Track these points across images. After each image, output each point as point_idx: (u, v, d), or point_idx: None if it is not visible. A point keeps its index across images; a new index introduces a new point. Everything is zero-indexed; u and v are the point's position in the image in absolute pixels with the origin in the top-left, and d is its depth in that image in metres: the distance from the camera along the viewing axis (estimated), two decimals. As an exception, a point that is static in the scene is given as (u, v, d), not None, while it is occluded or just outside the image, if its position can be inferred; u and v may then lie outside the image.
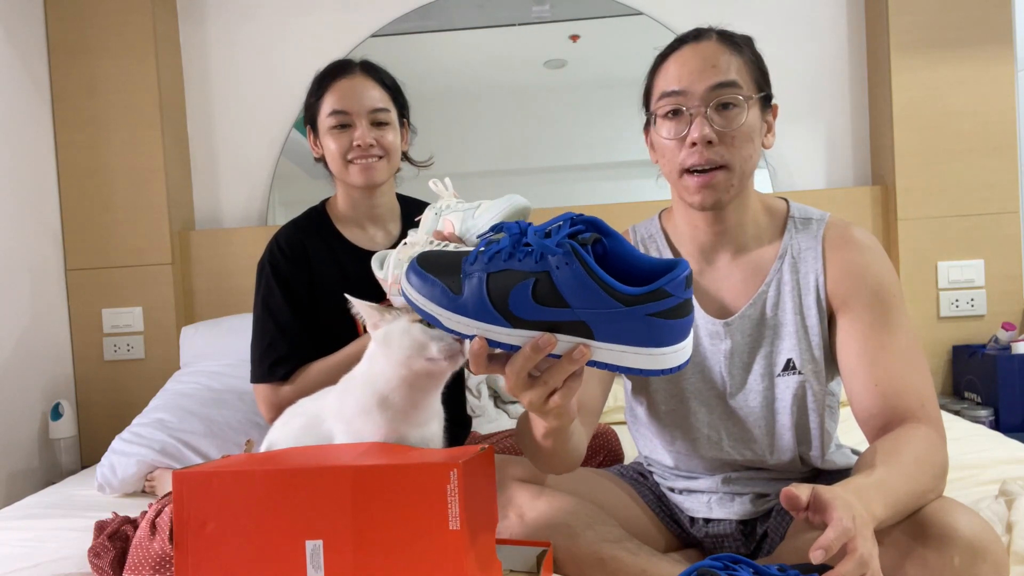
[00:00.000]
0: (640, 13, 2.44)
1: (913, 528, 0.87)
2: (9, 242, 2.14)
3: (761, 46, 1.13)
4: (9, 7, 2.19)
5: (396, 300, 1.28)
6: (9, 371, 2.11)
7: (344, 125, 1.43)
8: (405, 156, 1.56)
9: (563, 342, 0.72)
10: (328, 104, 1.44)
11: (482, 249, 0.75)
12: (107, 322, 2.37)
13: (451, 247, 1.12)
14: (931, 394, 1.03)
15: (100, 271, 2.36)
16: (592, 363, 0.73)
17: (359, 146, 1.42)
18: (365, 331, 1.34)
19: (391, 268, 1.27)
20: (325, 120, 1.45)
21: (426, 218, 1.31)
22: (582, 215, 0.73)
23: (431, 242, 1.25)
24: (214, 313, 2.40)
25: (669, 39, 1.13)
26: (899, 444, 0.95)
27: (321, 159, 1.52)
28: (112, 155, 2.35)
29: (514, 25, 2.48)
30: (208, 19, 2.51)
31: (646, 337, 0.70)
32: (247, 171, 2.52)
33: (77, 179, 2.36)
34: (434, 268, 0.77)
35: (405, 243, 1.28)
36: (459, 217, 1.24)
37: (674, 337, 0.71)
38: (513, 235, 0.74)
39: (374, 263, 1.30)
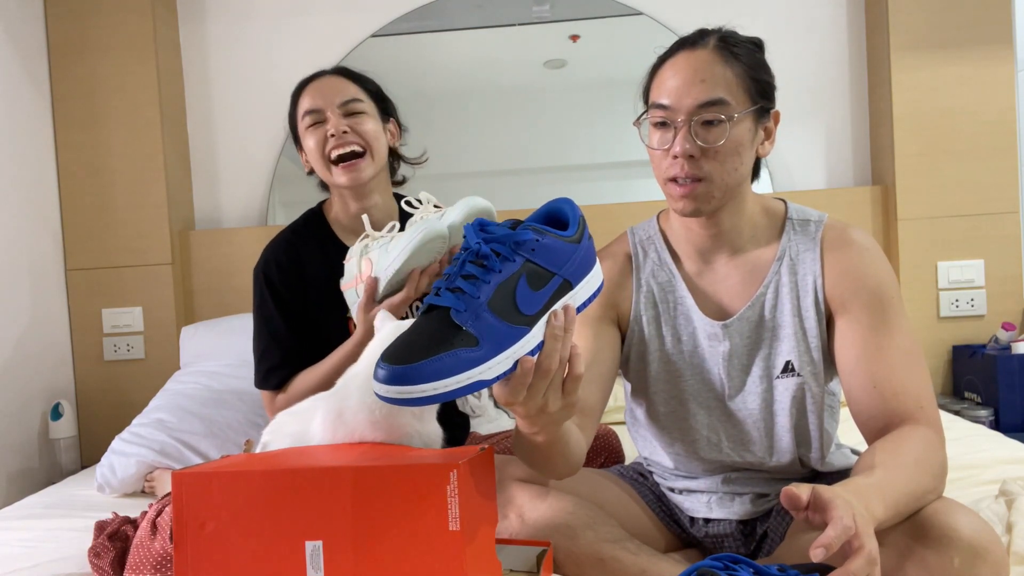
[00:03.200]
0: (640, 13, 2.44)
1: (913, 529, 0.87)
2: (9, 242, 2.14)
3: (762, 47, 1.13)
4: (9, 7, 2.19)
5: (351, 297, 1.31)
6: (9, 371, 2.11)
7: (318, 122, 1.42)
8: (397, 154, 1.55)
9: (559, 308, 0.79)
10: (302, 108, 1.44)
11: (463, 293, 0.75)
12: (107, 322, 2.37)
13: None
14: (930, 395, 1.03)
15: (100, 271, 2.37)
16: (577, 309, 0.81)
17: (333, 135, 1.39)
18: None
19: (356, 260, 1.28)
20: (301, 124, 1.44)
21: (350, 259, 1.32)
22: (472, 222, 0.80)
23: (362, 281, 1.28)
24: (214, 313, 2.41)
25: (669, 39, 1.13)
26: (899, 445, 0.95)
27: (312, 172, 1.50)
28: (112, 155, 2.35)
29: (514, 25, 2.48)
30: (208, 19, 2.51)
31: (590, 260, 0.84)
32: (247, 171, 2.52)
33: (77, 179, 2.36)
34: (431, 348, 0.72)
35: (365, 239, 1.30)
36: (377, 254, 1.27)
37: (595, 252, 0.85)
38: (488, 255, 0.77)
39: (341, 283, 1.33)
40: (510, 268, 0.75)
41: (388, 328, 0.97)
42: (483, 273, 0.75)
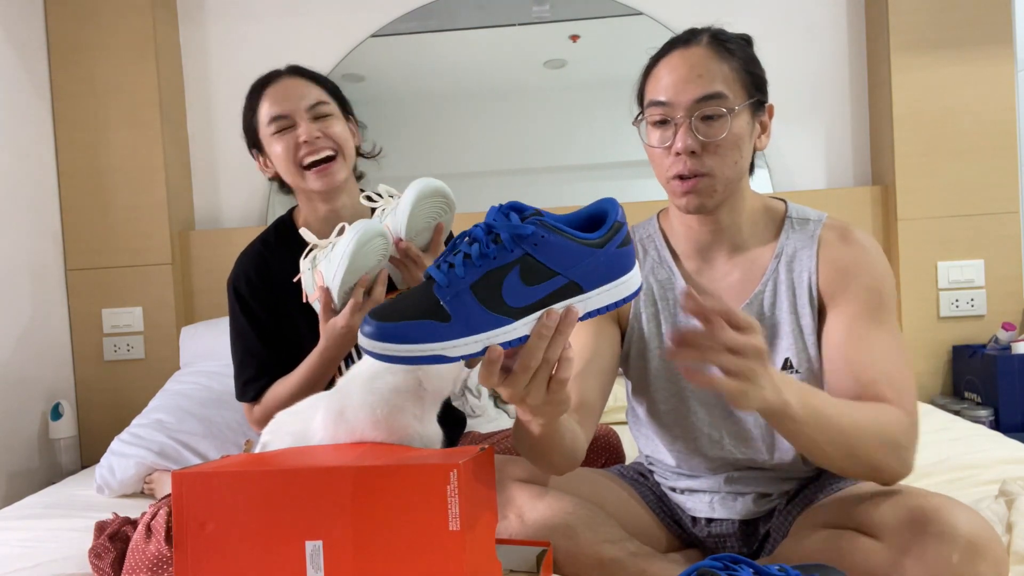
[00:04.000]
0: (640, 13, 2.44)
1: (912, 525, 0.87)
2: (9, 242, 2.14)
3: (760, 46, 1.13)
4: (9, 7, 2.19)
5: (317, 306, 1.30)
6: (9, 371, 2.11)
7: (286, 128, 1.39)
8: (358, 151, 1.51)
9: (560, 309, 0.77)
10: (265, 112, 1.40)
11: (444, 269, 0.76)
12: (107, 322, 2.37)
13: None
14: (909, 387, 1.02)
15: (100, 271, 2.36)
16: (587, 315, 0.79)
17: (306, 142, 1.37)
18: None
19: (310, 273, 1.28)
20: (266, 130, 1.41)
21: (304, 272, 1.30)
22: (503, 204, 0.79)
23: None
24: (214, 313, 2.40)
25: (668, 39, 1.13)
26: (860, 403, 0.98)
27: (275, 178, 1.48)
28: (112, 155, 2.35)
29: (514, 25, 2.48)
30: (208, 19, 2.51)
31: (618, 268, 0.79)
32: (247, 171, 2.52)
33: (77, 179, 2.36)
34: (404, 313, 0.75)
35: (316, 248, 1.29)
36: (325, 265, 1.25)
37: (632, 260, 0.81)
38: (482, 237, 0.76)
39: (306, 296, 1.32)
40: (505, 257, 0.75)
41: None
42: (477, 256, 0.75)
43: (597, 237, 0.77)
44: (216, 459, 1.01)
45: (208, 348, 2.16)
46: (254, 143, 1.47)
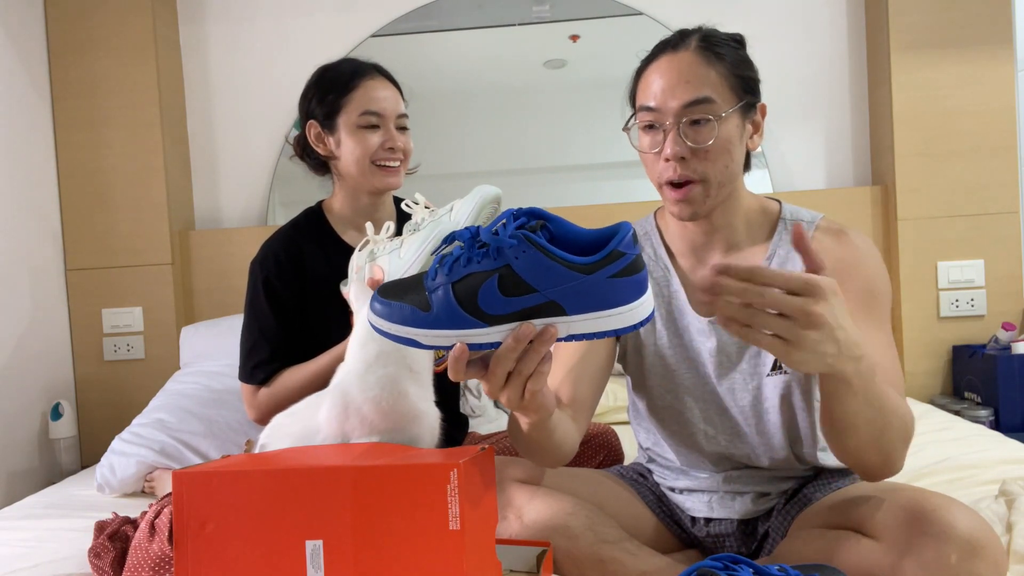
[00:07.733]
0: (640, 13, 2.44)
1: (911, 525, 0.87)
2: (9, 242, 2.14)
3: (760, 46, 1.13)
4: (9, 7, 2.19)
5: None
6: (9, 371, 2.11)
7: (374, 125, 1.44)
8: None
9: (539, 326, 0.77)
10: (358, 104, 1.44)
11: (438, 264, 0.77)
12: (107, 322, 2.37)
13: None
14: (903, 388, 1.01)
15: (100, 271, 2.37)
16: (571, 337, 0.77)
17: (391, 148, 1.44)
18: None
19: (366, 267, 1.28)
20: (354, 119, 1.43)
21: (357, 263, 1.30)
22: (521, 208, 0.78)
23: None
24: (214, 313, 2.41)
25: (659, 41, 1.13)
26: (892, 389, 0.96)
27: (324, 158, 1.50)
28: (112, 155, 2.35)
29: (514, 25, 2.48)
30: (208, 19, 2.51)
31: (612, 298, 0.75)
32: (247, 171, 2.52)
33: (77, 179, 2.36)
34: (397, 294, 0.79)
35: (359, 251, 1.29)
36: (387, 260, 1.25)
37: (636, 292, 0.76)
38: (466, 240, 0.77)
39: (342, 287, 1.31)
40: (487, 265, 0.75)
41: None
42: (467, 255, 0.77)
43: (586, 262, 0.74)
44: (217, 459, 1.01)
45: (208, 348, 2.16)
46: (322, 119, 1.47)
